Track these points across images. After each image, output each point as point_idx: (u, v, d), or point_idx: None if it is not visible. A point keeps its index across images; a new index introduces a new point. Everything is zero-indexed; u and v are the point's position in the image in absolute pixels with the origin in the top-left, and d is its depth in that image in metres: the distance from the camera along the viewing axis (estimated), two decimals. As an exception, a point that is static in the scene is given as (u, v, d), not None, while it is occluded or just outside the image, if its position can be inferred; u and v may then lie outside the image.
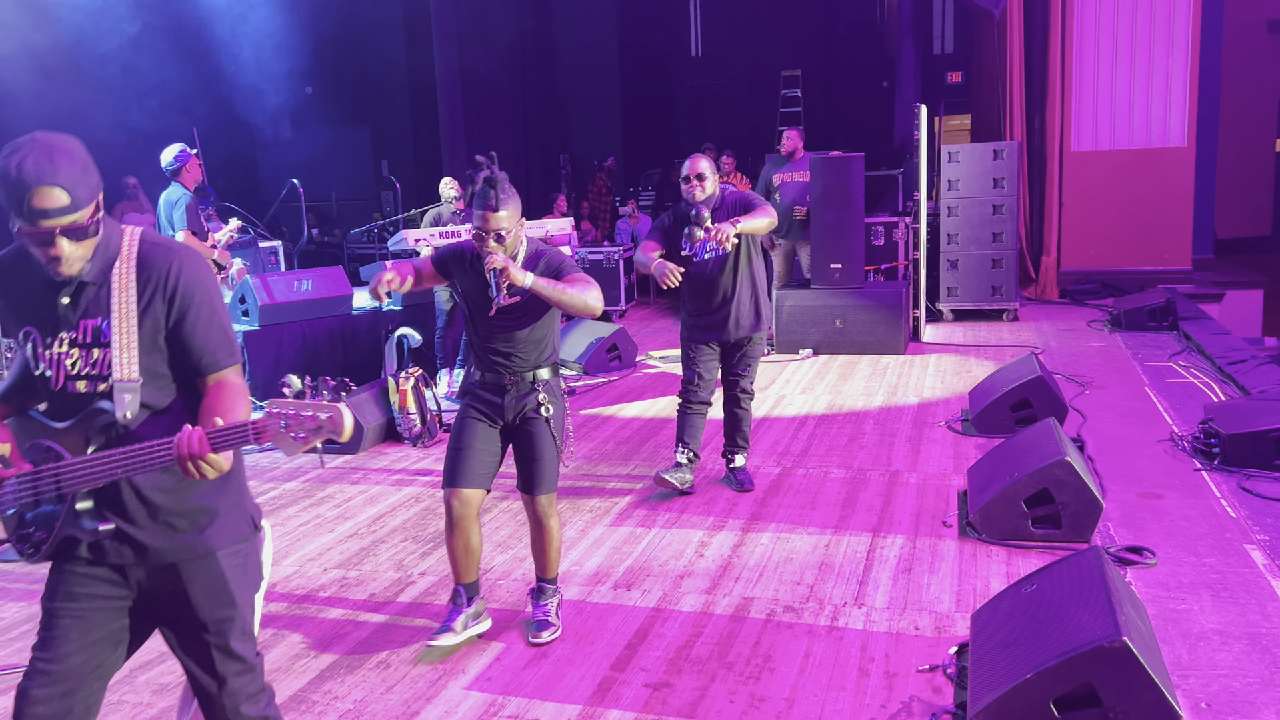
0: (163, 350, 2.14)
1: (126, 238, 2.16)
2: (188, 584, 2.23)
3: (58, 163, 1.97)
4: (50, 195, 1.97)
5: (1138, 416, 6.14)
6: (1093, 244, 11.51)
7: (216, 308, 2.18)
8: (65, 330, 2.13)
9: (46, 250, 2.03)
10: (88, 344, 2.13)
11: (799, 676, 3.28)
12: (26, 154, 1.96)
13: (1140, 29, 11.18)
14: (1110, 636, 2.66)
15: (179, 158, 6.87)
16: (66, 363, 2.13)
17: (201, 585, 2.24)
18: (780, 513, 4.83)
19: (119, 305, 2.10)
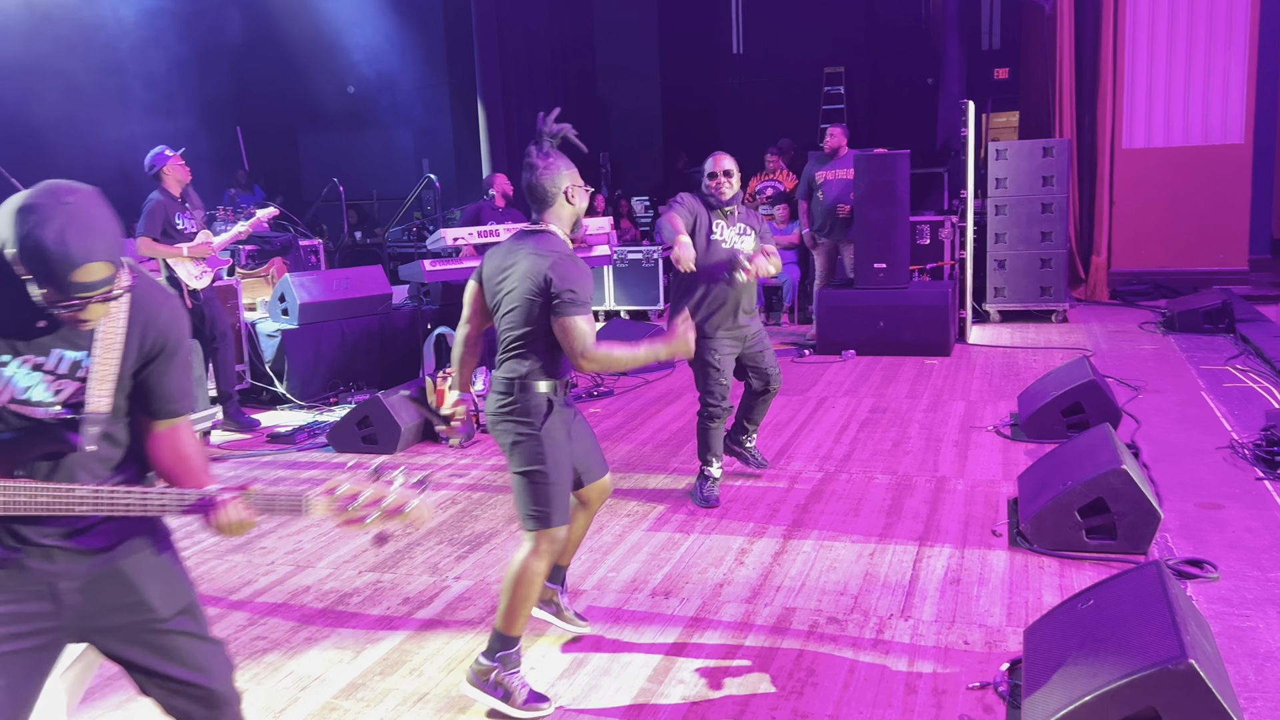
0: (126, 387, 2.04)
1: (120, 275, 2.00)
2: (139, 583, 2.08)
3: (101, 232, 1.84)
4: (95, 270, 1.84)
5: (1194, 422, 5.94)
6: (1145, 244, 11.23)
7: (189, 359, 2.16)
8: (34, 354, 1.95)
9: (75, 314, 1.89)
10: (58, 373, 1.97)
11: (843, 692, 3.16)
12: (65, 226, 1.80)
13: (1196, 23, 10.88)
14: (1175, 658, 2.52)
15: (155, 160, 6.54)
16: (19, 383, 1.94)
17: (156, 581, 2.11)
18: (823, 520, 4.70)
19: (104, 338, 1.98)
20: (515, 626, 3.14)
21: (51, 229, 1.79)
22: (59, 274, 1.81)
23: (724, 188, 4.93)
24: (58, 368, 1.97)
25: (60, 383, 1.98)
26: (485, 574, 4.26)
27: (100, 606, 2.06)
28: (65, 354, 1.98)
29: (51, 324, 1.95)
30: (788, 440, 6.06)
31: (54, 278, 1.82)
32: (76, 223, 1.81)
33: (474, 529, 4.81)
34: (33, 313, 1.92)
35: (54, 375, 1.97)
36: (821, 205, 9.12)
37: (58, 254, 1.80)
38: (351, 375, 7.90)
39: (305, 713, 3.20)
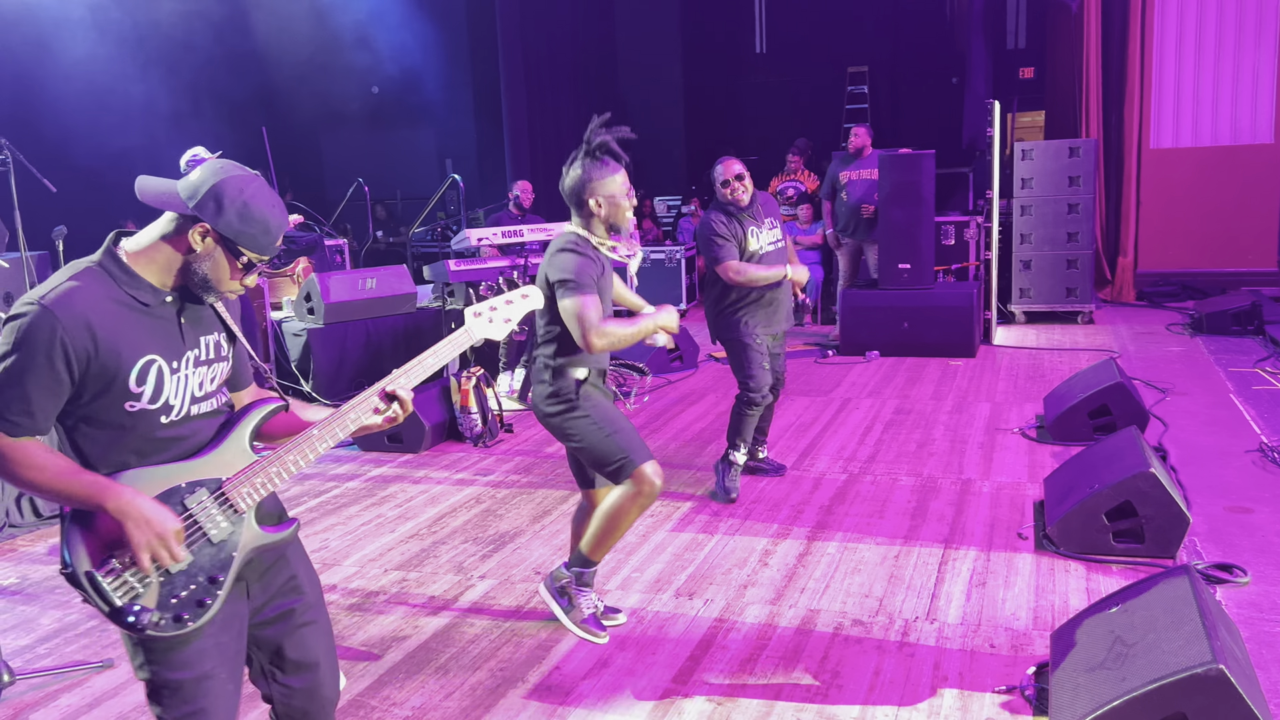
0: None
1: None
2: (296, 568, 2.23)
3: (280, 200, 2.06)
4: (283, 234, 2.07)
5: (1223, 425, 5.88)
6: (1172, 244, 11.12)
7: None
8: (190, 349, 2.05)
9: (243, 280, 2.05)
10: (210, 360, 2.09)
11: (868, 694, 3.16)
12: (269, 196, 2.00)
13: (1225, 21, 10.77)
14: (1205, 663, 2.50)
15: (191, 163, 6.45)
16: (193, 385, 2.05)
17: (303, 564, 2.26)
18: (847, 521, 4.69)
19: (222, 313, 2.15)
20: (599, 553, 3.48)
21: (264, 199, 1.99)
22: (275, 235, 2.02)
23: (739, 193, 4.92)
24: (209, 354, 2.09)
25: (212, 368, 2.10)
26: (510, 573, 4.27)
27: (269, 596, 2.18)
28: (207, 339, 2.10)
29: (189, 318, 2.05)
30: (811, 441, 6.05)
31: (268, 241, 2.01)
32: (270, 192, 2.03)
33: (498, 528, 4.83)
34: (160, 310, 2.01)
35: (207, 362, 2.08)
36: (845, 205, 9.09)
37: (276, 220, 2.01)
38: (376, 374, 7.86)
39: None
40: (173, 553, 1.93)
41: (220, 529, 2.02)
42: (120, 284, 1.96)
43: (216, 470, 2.04)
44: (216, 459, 2.05)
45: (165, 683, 2.02)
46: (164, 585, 1.97)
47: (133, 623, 1.92)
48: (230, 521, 2.03)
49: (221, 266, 2.00)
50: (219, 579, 2.02)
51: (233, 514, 2.04)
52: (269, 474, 2.07)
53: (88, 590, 1.92)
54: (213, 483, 2.03)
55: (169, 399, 2.00)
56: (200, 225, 1.96)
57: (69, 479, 1.90)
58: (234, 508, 2.04)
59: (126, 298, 1.96)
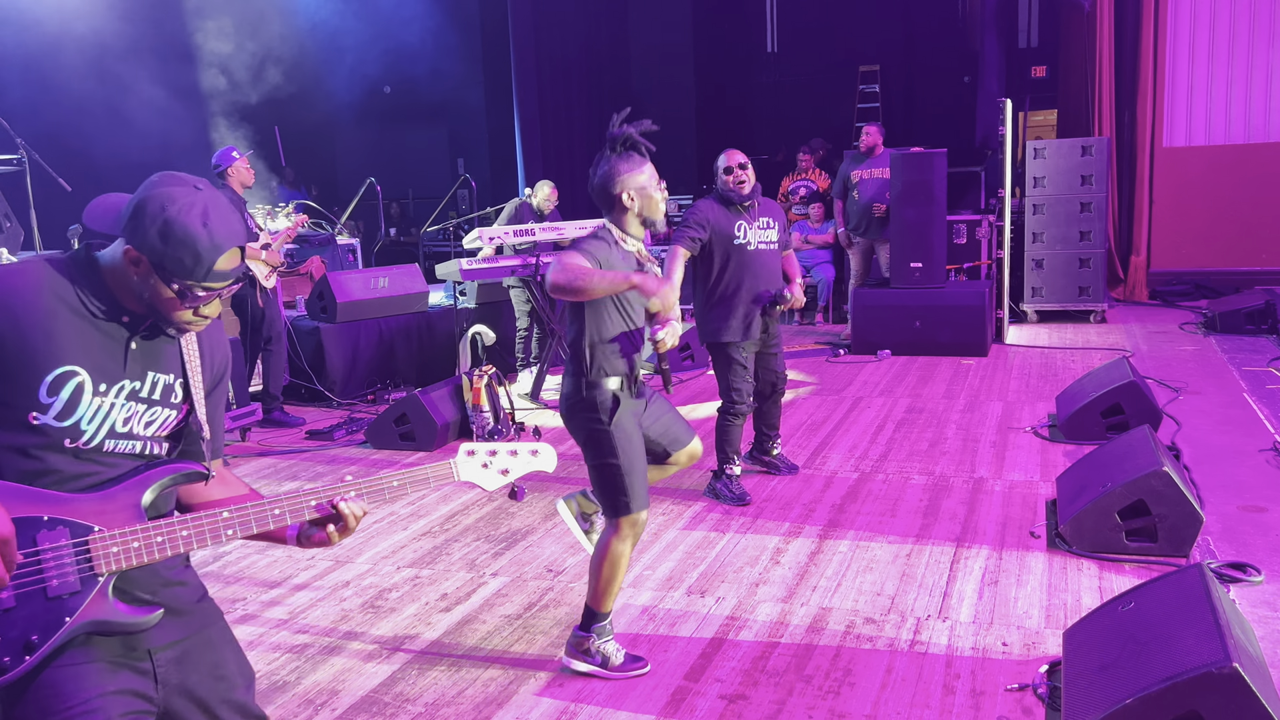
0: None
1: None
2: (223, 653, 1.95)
3: (235, 217, 1.78)
4: (234, 257, 1.78)
5: (1236, 424, 5.86)
6: (1185, 243, 11.08)
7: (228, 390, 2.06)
8: (129, 379, 1.79)
9: (198, 311, 1.79)
10: (152, 400, 1.82)
11: (880, 692, 3.16)
12: (207, 210, 1.74)
13: (1238, 19, 10.72)
14: (1219, 662, 2.49)
15: (221, 159, 6.59)
16: (117, 416, 1.76)
17: (231, 650, 1.98)
18: (859, 519, 4.69)
19: (191, 361, 1.88)
20: (605, 604, 3.35)
21: (195, 214, 1.72)
22: (205, 261, 1.73)
23: (742, 182, 4.94)
24: (152, 393, 1.83)
25: (152, 410, 1.83)
26: (522, 570, 4.29)
27: (187, 676, 1.88)
28: (159, 377, 1.83)
29: (138, 344, 1.81)
30: (823, 440, 6.05)
31: (198, 266, 1.73)
32: (216, 208, 1.75)
33: (510, 526, 4.84)
34: (115, 330, 1.79)
35: (145, 401, 1.81)
36: (857, 204, 9.08)
37: (205, 238, 1.72)
38: (389, 373, 7.98)
39: (346, 706, 3.24)
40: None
41: (64, 583, 1.67)
42: (76, 285, 1.75)
43: (93, 517, 1.71)
44: (99, 505, 1.72)
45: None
46: None
47: None
48: (80, 580, 1.69)
49: (158, 294, 1.74)
50: (32, 641, 1.65)
51: (88, 572, 1.69)
52: (150, 543, 1.73)
53: None
54: (81, 528, 1.70)
55: (81, 421, 1.72)
56: (128, 248, 1.73)
57: None
58: (91, 566, 1.70)
59: (75, 301, 1.74)
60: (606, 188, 3.33)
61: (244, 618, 3.94)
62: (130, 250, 1.72)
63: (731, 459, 5.06)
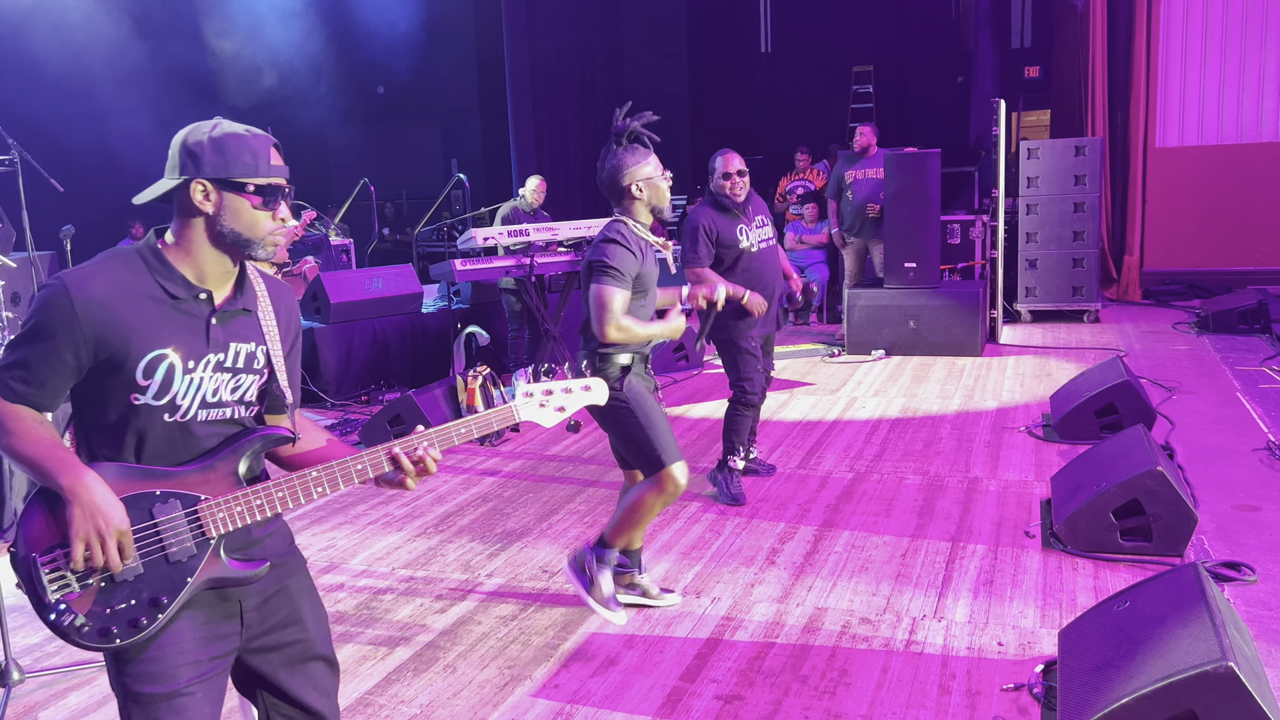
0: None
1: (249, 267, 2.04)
2: (300, 604, 2.08)
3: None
4: (277, 154, 1.93)
5: (1230, 424, 5.87)
6: (1178, 243, 11.11)
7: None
8: (213, 353, 1.92)
9: (276, 214, 1.92)
10: (236, 369, 1.95)
11: (876, 692, 3.16)
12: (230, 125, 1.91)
13: (1231, 20, 10.75)
14: (1215, 661, 2.50)
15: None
16: (207, 388, 1.91)
17: (309, 601, 2.11)
18: (854, 520, 4.69)
19: (269, 330, 2.02)
20: (618, 541, 3.55)
21: (227, 126, 1.90)
22: (261, 153, 1.89)
23: (738, 189, 4.92)
24: (236, 362, 1.95)
25: (238, 378, 1.96)
26: (517, 571, 4.28)
27: (266, 625, 2.03)
28: (240, 347, 1.96)
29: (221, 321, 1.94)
30: (818, 440, 6.05)
31: (258, 160, 1.89)
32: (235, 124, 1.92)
33: (505, 526, 4.83)
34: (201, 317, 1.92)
35: (231, 370, 1.94)
36: (851, 204, 9.09)
37: (255, 138, 1.90)
38: (383, 374, 7.96)
39: (340, 707, 3.22)
40: (108, 553, 1.77)
41: (182, 549, 1.87)
42: (153, 273, 1.88)
43: (198, 487, 1.90)
44: (201, 475, 1.91)
45: (135, 696, 1.88)
46: (103, 592, 1.81)
47: (54, 621, 1.78)
48: (195, 545, 1.88)
49: (242, 211, 1.89)
50: (163, 601, 1.85)
51: (200, 537, 1.88)
52: (251, 506, 1.92)
53: (27, 577, 1.80)
54: (189, 499, 1.88)
55: (176, 397, 1.88)
56: (194, 184, 1.86)
57: (42, 450, 1.80)
58: (203, 531, 1.88)
59: (155, 288, 1.87)
60: (615, 180, 3.53)
61: (238, 619, 3.93)
62: (197, 184, 1.87)
63: (736, 450, 5.04)
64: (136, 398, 1.86)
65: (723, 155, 4.95)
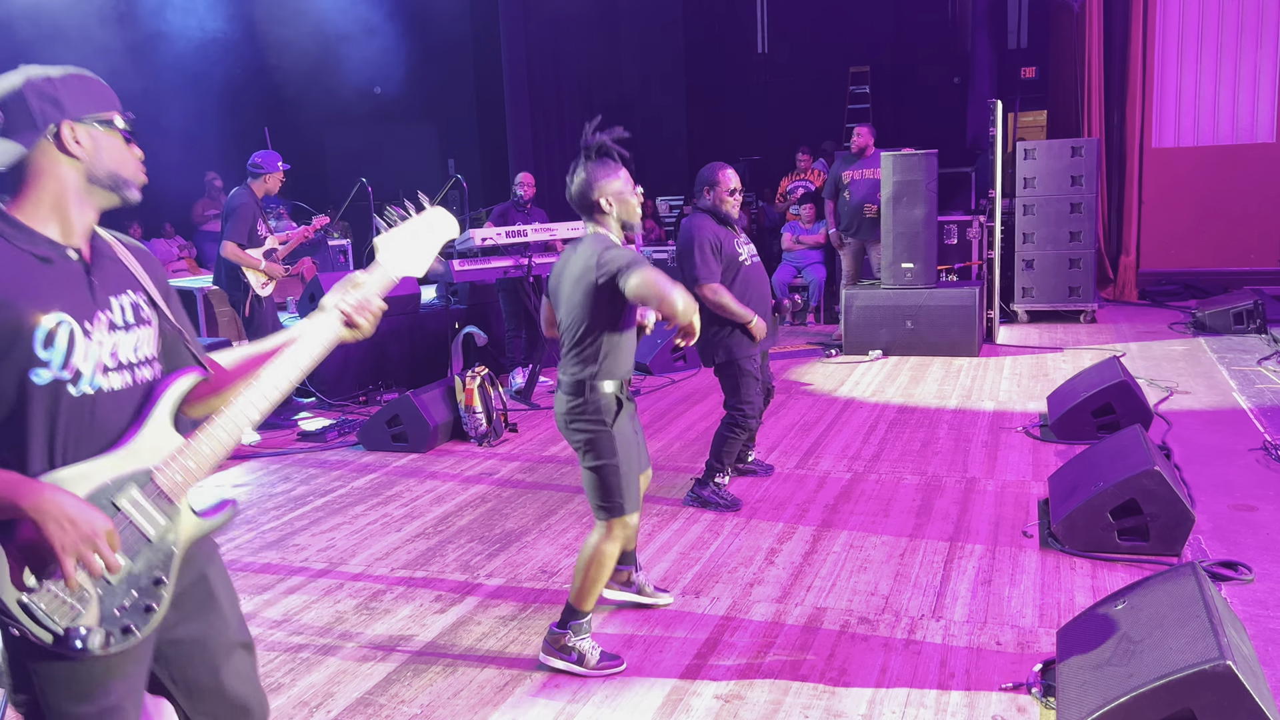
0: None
1: None
2: (215, 593, 1.99)
3: None
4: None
5: (1227, 423, 5.89)
6: (1174, 244, 11.14)
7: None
8: (102, 311, 1.79)
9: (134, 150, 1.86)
10: (128, 323, 1.83)
11: (876, 691, 3.17)
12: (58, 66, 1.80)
13: (1227, 21, 10.78)
14: (1213, 659, 2.51)
15: (264, 162, 6.69)
16: (105, 351, 1.78)
17: (224, 588, 2.02)
18: (852, 520, 4.70)
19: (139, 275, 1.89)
20: (587, 604, 3.39)
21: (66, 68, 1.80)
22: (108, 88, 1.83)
23: (734, 207, 4.94)
24: (126, 316, 1.84)
25: (132, 333, 1.85)
26: (517, 571, 4.29)
27: (182, 616, 1.93)
28: (123, 300, 1.85)
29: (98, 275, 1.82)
30: (815, 440, 6.07)
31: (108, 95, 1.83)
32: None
33: (504, 527, 4.84)
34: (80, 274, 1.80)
35: (125, 327, 1.84)
36: (848, 205, 9.11)
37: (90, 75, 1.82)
38: (381, 374, 7.96)
39: (341, 708, 3.24)
40: (105, 558, 1.70)
41: (157, 525, 1.81)
42: (11, 241, 1.73)
43: (142, 459, 1.80)
44: (139, 446, 1.80)
45: (61, 714, 1.77)
46: (105, 597, 1.75)
47: (80, 648, 1.71)
48: (166, 514, 1.82)
49: (116, 147, 1.82)
50: (162, 580, 1.82)
51: (168, 505, 1.82)
52: (200, 454, 1.84)
53: (22, 622, 1.67)
54: (141, 475, 1.80)
55: (81, 367, 1.74)
56: (64, 125, 1.75)
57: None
58: (167, 498, 1.82)
59: (22, 256, 1.72)
60: (585, 195, 3.42)
61: (238, 620, 3.93)
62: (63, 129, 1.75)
63: (725, 470, 5.00)
64: (36, 374, 1.70)
65: (724, 170, 4.88)
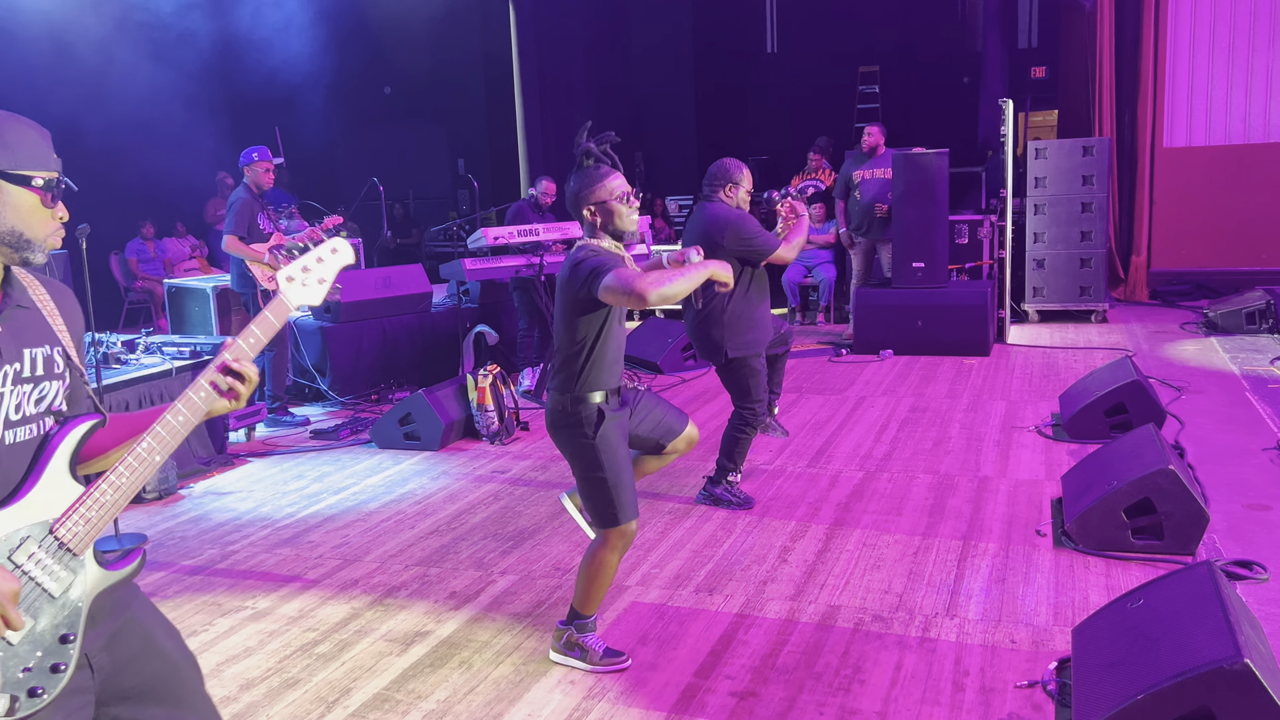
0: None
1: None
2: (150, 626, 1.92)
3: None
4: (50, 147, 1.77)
5: (1239, 423, 5.88)
6: (1185, 243, 11.11)
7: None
8: (8, 364, 1.72)
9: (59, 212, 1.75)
10: (37, 377, 1.76)
11: (890, 689, 3.17)
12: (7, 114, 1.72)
13: (1239, 20, 10.75)
14: (1230, 657, 2.51)
15: (244, 156, 6.85)
16: (9, 404, 1.71)
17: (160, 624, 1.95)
18: (865, 518, 4.71)
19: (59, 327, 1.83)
20: (589, 608, 3.44)
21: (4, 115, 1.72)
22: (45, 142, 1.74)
23: (748, 205, 4.97)
24: (35, 369, 1.77)
25: (39, 387, 1.78)
26: (530, 568, 4.30)
27: (120, 665, 1.86)
28: (35, 351, 1.78)
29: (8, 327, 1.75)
30: (827, 439, 6.07)
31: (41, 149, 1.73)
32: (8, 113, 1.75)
33: (518, 525, 4.86)
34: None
35: (31, 380, 1.76)
36: (858, 204, 9.10)
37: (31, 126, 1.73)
38: (393, 373, 7.99)
39: (358, 704, 3.25)
40: (10, 619, 1.61)
41: (59, 579, 1.71)
42: None
43: (40, 512, 1.70)
44: (37, 498, 1.71)
45: None
46: (6, 659, 1.65)
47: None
48: (68, 568, 1.72)
49: (24, 205, 1.70)
50: (69, 637, 1.72)
51: (70, 558, 1.72)
52: (101, 502, 1.73)
53: None
54: (39, 527, 1.70)
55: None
56: None
57: None
58: (69, 551, 1.72)
59: None
60: (573, 204, 3.36)
61: (254, 615, 3.95)
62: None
63: (737, 469, 5.00)
64: None
65: (742, 169, 4.93)
